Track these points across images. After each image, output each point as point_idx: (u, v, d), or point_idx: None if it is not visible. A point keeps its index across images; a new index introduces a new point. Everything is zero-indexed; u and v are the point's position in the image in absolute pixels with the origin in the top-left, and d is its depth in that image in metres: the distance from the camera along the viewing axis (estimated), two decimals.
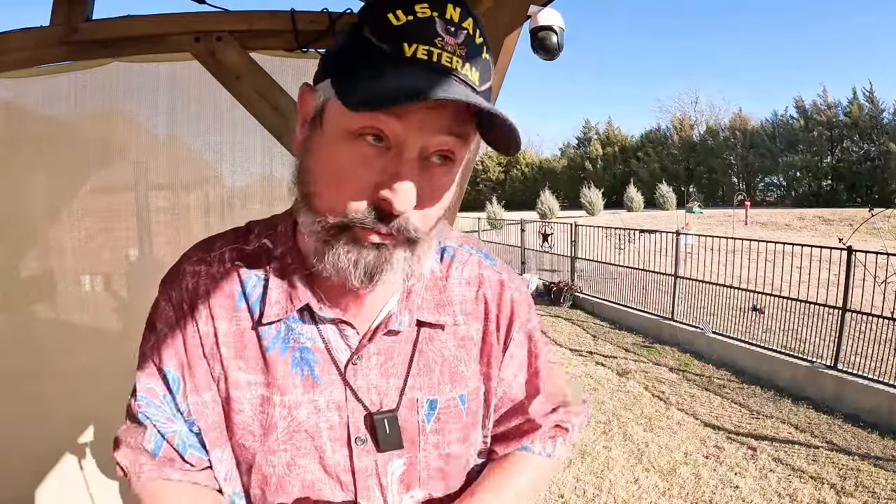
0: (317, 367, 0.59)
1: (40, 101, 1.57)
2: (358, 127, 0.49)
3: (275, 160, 1.65)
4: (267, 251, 0.62)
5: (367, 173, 0.50)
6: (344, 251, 0.52)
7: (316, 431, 0.59)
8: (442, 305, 0.64)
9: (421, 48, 0.47)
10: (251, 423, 0.59)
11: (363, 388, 0.59)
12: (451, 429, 0.63)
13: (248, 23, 1.36)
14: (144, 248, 1.66)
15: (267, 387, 0.58)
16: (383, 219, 0.51)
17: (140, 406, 0.60)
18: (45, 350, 1.65)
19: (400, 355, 0.61)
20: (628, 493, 3.15)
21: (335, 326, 0.60)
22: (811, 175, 30.82)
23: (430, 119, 0.48)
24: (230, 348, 0.59)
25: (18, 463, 1.58)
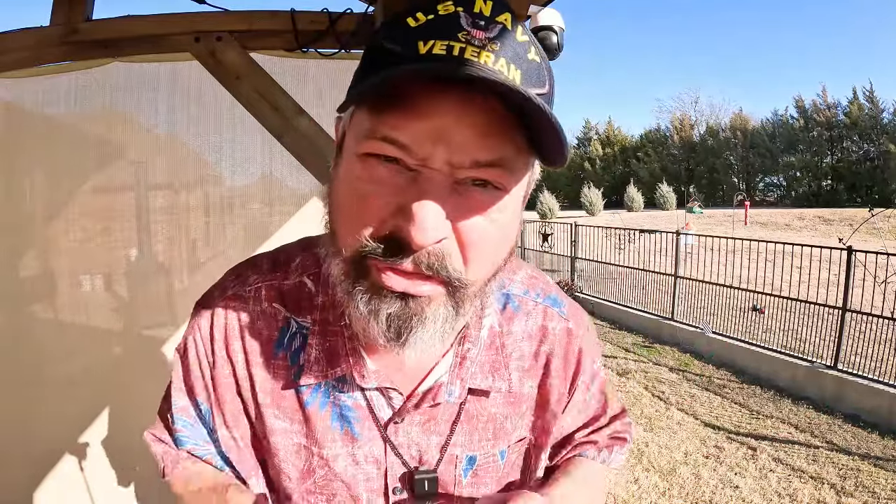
0: (357, 424, 0.56)
1: (40, 101, 1.56)
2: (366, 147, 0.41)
3: (275, 160, 1.66)
4: (309, 294, 0.57)
5: (381, 195, 0.41)
6: (364, 300, 0.43)
7: (353, 482, 0.57)
8: (497, 368, 0.58)
9: (439, 44, 0.39)
10: (287, 467, 0.58)
11: (403, 444, 0.57)
12: (487, 482, 0.61)
13: (248, 23, 1.36)
14: (144, 248, 1.66)
15: (305, 437, 0.57)
16: (399, 252, 0.40)
17: (177, 429, 0.59)
18: (44, 350, 1.65)
19: (444, 415, 0.58)
20: (628, 493, 3.15)
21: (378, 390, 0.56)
22: (811, 175, 30.84)
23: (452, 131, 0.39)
24: (267, 395, 0.56)
25: (18, 464, 1.58)
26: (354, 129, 0.43)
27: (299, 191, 1.69)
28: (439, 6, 0.40)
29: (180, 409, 0.59)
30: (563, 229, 9.54)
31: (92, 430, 1.63)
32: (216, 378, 0.57)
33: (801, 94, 36.73)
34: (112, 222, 1.66)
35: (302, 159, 1.42)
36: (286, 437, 0.57)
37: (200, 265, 1.70)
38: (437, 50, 0.39)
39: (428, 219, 0.39)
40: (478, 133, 0.39)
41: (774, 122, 33.80)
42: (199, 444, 0.60)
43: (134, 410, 1.66)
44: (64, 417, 1.62)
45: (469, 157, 0.40)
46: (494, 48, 0.40)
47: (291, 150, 1.41)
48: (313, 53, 1.42)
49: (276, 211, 1.70)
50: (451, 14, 0.40)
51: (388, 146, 0.40)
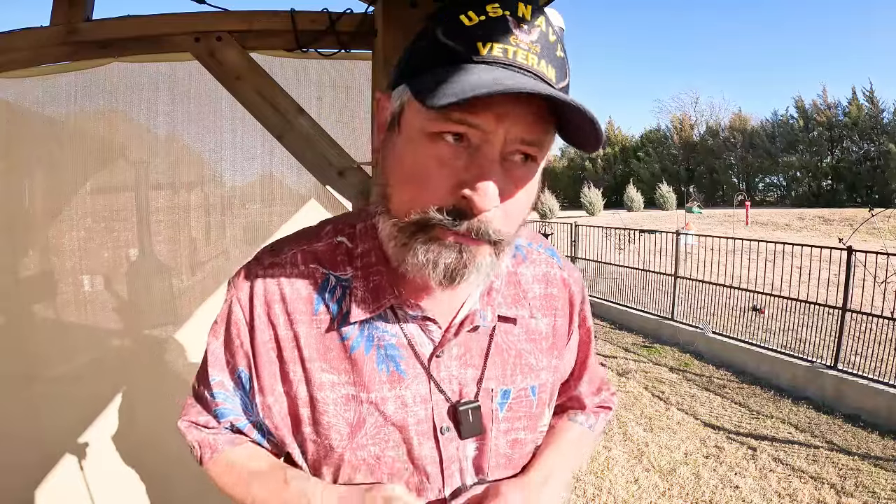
0: (402, 362, 0.60)
1: (40, 100, 1.56)
2: (437, 126, 0.48)
3: (275, 160, 1.66)
4: (346, 250, 0.63)
5: (447, 173, 0.49)
6: (423, 251, 0.51)
7: (404, 425, 0.60)
8: (517, 300, 0.66)
9: (496, 46, 0.47)
10: (337, 423, 0.60)
11: (445, 379, 0.61)
12: (521, 416, 0.65)
13: (248, 23, 1.36)
14: (144, 248, 1.66)
15: (353, 385, 0.59)
16: (463, 218, 0.50)
17: (217, 402, 0.64)
18: (44, 350, 1.65)
19: (477, 347, 0.63)
20: (628, 493, 3.15)
21: (418, 323, 0.61)
22: (811, 175, 30.82)
23: (510, 116, 0.48)
24: (312, 350, 0.60)
25: (18, 464, 1.58)
26: (415, 109, 0.50)
27: (299, 191, 1.69)
28: (488, 7, 0.48)
29: (218, 383, 0.63)
30: (563, 229, 9.54)
31: (92, 429, 1.63)
32: (256, 344, 0.61)
33: (801, 94, 36.80)
34: (112, 222, 1.66)
35: (302, 159, 1.42)
36: (335, 389, 0.59)
37: (200, 265, 1.70)
38: (495, 52, 0.47)
39: (490, 192, 0.48)
40: (528, 120, 0.49)
41: (774, 122, 33.78)
42: (240, 415, 0.64)
43: (134, 410, 1.66)
44: (64, 417, 1.62)
45: (519, 135, 0.49)
46: (536, 50, 0.49)
47: (291, 150, 1.42)
48: (313, 53, 1.42)
49: (276, 211, 1.70)
50: (500, 17, 0.48)
51: (460, 126, 0.48)
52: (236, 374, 0.63)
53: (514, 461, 0.66)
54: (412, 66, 0.52)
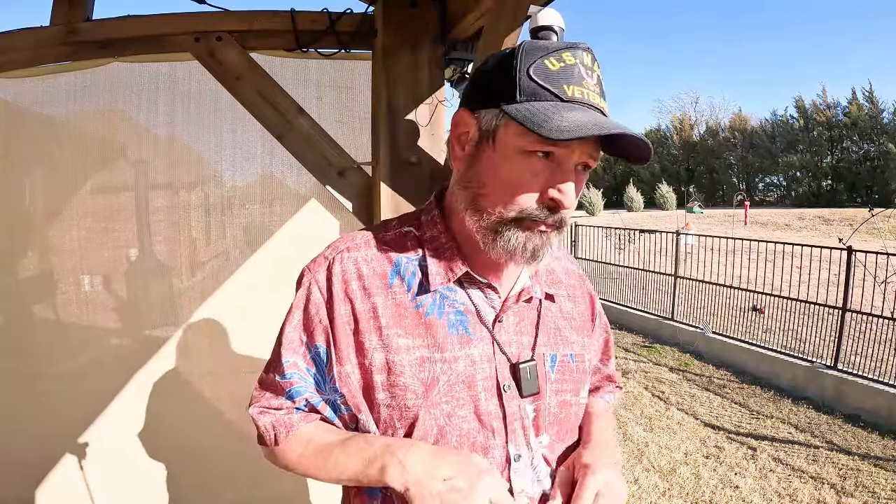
0: (469, 325, 0.71)
1: (40, 100, 1.56)
2: (534, 147, 0.62)
3: (275, 160, 1.65)
4: (414, 237, 0.74)
5: (539, 180, 0.63)
6: (516, 236, 0.65)
7: (472, 381, 0.69)
8: (554, 283, 0.81)
9: (576, 89, 0.61)
10: (412, 383, 0.67)
11: (506, 342, 0.72)
12: (567, 379, 0.76)
13: (248, 23, 1.36)
14: (144, 248, 1.66)
15: (427, 348, 0.68)
16: (552, 213, 0.65)
17: (291, 382, 0.71)
18: (44, 350, 1.65)
19: (529, 318, 0.75)
20: (628, 493, 3.15)
21: (482, 292, 0.72)
22: (811, 175, 30.83)
23: (585, 143, 0.63)
24: (389, 318, 0.69)
25: (18, 463, 1.58)
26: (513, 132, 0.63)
27: (299, 191, 1.69)
28: (565, 56, 0.62)
29: (291, 365, 0.71)
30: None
31: (92, 429, 1.63)
32: (334, 317, 0.69)
33: (801, 95, 36.79)
34: (112, 222, 1.65)
35: (302, 159, 1.42)
36: (410, 352, 0.68)
37: (200, 265, 1.70)
38: (576, 94, 0.61)
39: (572, 194, 0.64)
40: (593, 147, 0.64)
41: (774, 122, 33.80)
42: (314, 393, 0.71)
43: (134, 410, 1.66)
44: (64, 416, 1.62)
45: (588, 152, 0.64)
46: (598, 91, 0.64)
47: (291, 150, 1.42)
48: (313, 53, 1.42)
49: (276, 211, 1.70)
50: (574, 65, 0.62)
51: (552, 147, 0.62)
52: (312, 353, 0.70)
53: (561, 421, 0.75)
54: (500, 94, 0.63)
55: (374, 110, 1.42)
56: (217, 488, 1.69)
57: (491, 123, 0.65)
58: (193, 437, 1.65)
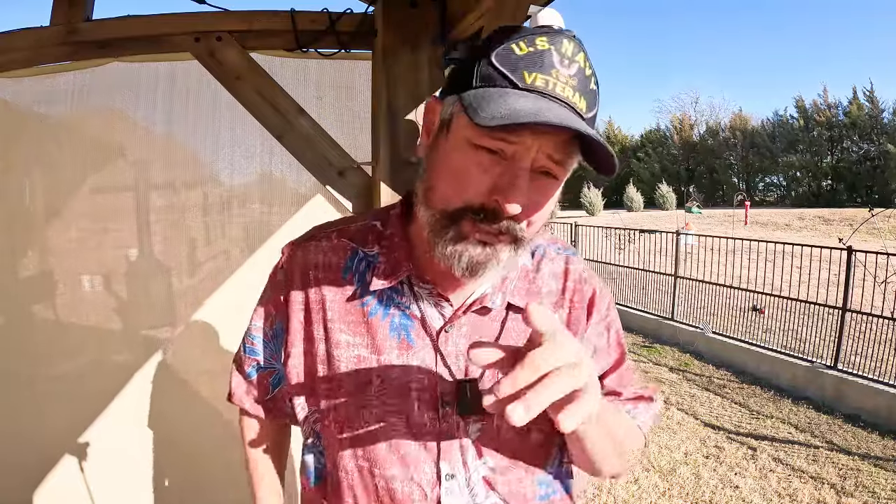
0: (412, 332, 0.66)
1: (39, 100, 1.56)
2: (481, 140, 0.56)
3: (274, 160, 1.65)
4: (376, 231, 0.72)
5: (484, 178, 0.56)
6: (452, 243, 0.58)
7: (405, 390, 0.65)
8: (531, 294, 0.71)
9: (539, 77, 0.54)
10: (347, 381, 0.66)
11: (452, 354, 0.66)
12: None
13: (248, 23, 1.36)
14: (144, 248, 1.66)
15: (366, 347, 0.66)
16: (493, 218, 0.57)
17: (251, 342, 0.76)
18: (44, 350, 1.65)
19: (488, 331, 0.68)
20: (628, 493, 3.15)
21: (432, 299, 0.67)
22: (811, 175, 30.85)
23: (543, 138, 0.55)
24: (335, 312, 0.68)
25: (18, 464, 1.58)
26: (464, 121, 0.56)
27: (299, 191, 1.69)
28: (537, 40, 0.54)
29: (257, 328, 0.76)
30: (563, 229, 9.55)
31: (92, 429, 1.62)
32: (290, 304, 0.70)
33: (801, 94, 36.82)
34: (112, 222, 1.65)
35: (302, 159, 1.42)
36: (349, 349, 0.67)
37: (200, 265, 1.70)
38: (538, 82, 0.54)
39: (518, 198, 0.55)
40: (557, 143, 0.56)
41: (774, 122, 33.81)
42: (267, 358, 0.75)
43: (134, 410, 1.66)
44: (64, 417, 1.62)
45: (548, 152, 0.56)
46: (573, 84, 0.55)
47: (291, 150, 1.41)
48: (313, 53, 1.42)
49: (276, 211, 1.70)
50: (546, 51, 0.54)
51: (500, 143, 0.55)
52: (275, 326, 0.73)
53: (518, 451, 0.67)
54: (464, 81, 0.58)
55: (374, 110, 1.42)
56: (217, 488, 1.69)
57: (448, 111, 0.60)
58: (193, 438, 1.65)
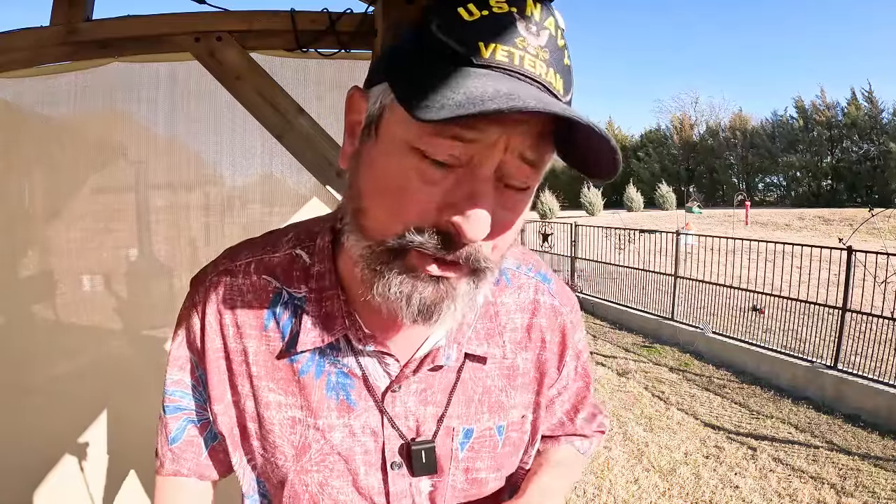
0: (353, 392, 0.56)
1: (40, 100, 1.56)
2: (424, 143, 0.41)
3: (275, 160, 1.65)
4: (303, 266, 0.57)
5: (432, 191, 0.42)
6: (396, 282, 0.45)
7: (350, 455, 0.57)
8: (491, 335, 0.60)
9: (500, 49, 0.40)
10: (282, 444, 0.57)
11: (400, 415, 0.57)
12: (484, 457, 0.61)
13: (248, 23, 1.36)
14: (144, 248, 1.66)
15: (300, 409, 0.56)
16: (450, 246, 0.43)
17: (172, 399, 0.62)
18: (44, 350, 1.65)
19: (441, 384, 0.58)
20: (628, 493, 3.15)
21: (374, 355, 0.56)
22: (811, 175, 30.86)
23: (510, 134, 0.41)
24: (261, 368, 0.57)
25: (18, 464, 1.58)
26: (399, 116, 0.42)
27: (299, 191, 1.69)
28: (492, 2, 0.40)
29: (176, 381, 0.61)
30: (563, 229, 9.55)
31: (92, 430, 1.63)
32: (206, 350, 0.58)
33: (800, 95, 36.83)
34: (112, 222, 1.65)
35: (302, 159, 1.42)
36: (280, 410, 0.57)
37: (200, 265, 1.69)
38: (499, 56, 0.40)
39: (482, 219, 0.41)
40: (532, 137, 0.42)
41: (774, 122, 33.83)
42: (198, 410, 0.62)
43: (134, 410, 1.66)
44: (64, 417, 1.62)
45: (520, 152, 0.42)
46: (545, 57, 0.42)
47: (291, 150, 1.41)
48: (313, 53, 1.42)
49: (276, 211, 1.70)
50: (506, 14, 0.40)
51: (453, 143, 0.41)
52: (197, 373, 0.60)
53: (472, 496, 0.62)
54: (397, 63, 0.43)
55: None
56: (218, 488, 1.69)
57: (376, 104, 0.45)
58: None
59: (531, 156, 0.43)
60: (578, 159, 0.44)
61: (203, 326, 0.58)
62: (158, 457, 0.65)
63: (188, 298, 0.61)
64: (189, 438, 0.63)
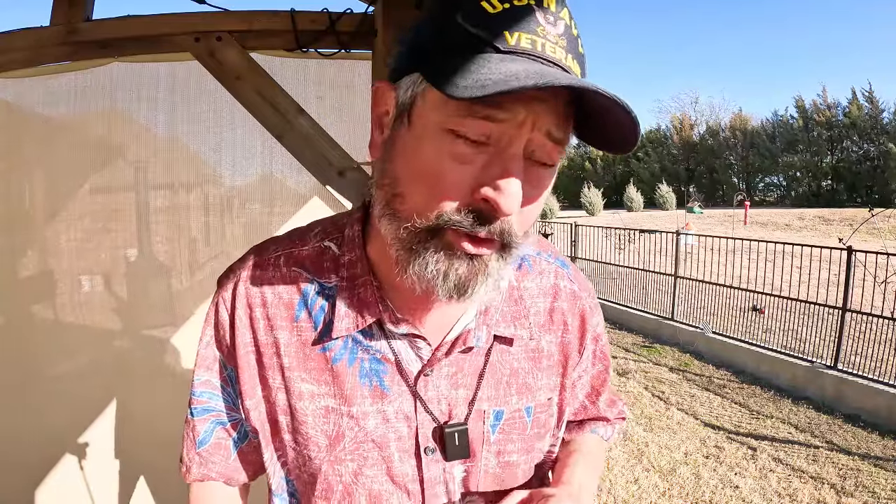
0: (386, 377, 0.57)
1: (40, 100, 1.56)
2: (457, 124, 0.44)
3: (275, 160, 1.65)
4: (333, 257, 0.59)
5: (466, 171, 0.45)
6: (433, 260, 0.47)
7: (384, 442, 0.57)
8: (517, 318, 0.62)
9: (524, 37, 0.43)
10: (315, 434, 0.57)
11: (433, 399, 0.58)
12: (514, 439, 0.62)
13: (248, 23, 1.36)
14: (144, 249, 1.66)
15: (333, 397, 0.57)
16: (483, 222, 0.46)
17: (200, 401, 0.62)
18: (43, 350, 1.65)
19: (471, 367, 0.59)
20: (628, 493, 3.15)
21: (407, 339, 0.57)
22: (811, 175, 30.85)
23: (537, 113, 0.44)
24: (292, 359, 0.57)
25: (18, 464, 1.58)
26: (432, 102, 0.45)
27: (299, 191, 1.69)
28: None
29: (203, 382, 0.62)
30: (563, 229, 9.55)
31: (92, 430, 1.62)
32: (237, 346, 0.59)
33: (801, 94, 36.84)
34: (112, 222, 1.65)
35: (302, 159, 1.42)
36: (314, 400, 0.57)
37: (200, 265, 1.70)
38: (523, 44, 0.43)
39: (514, 193, 0.44)
40: (558, 114, 0.45)
41: (774, 122, 33.83)
42: (222, 412, 0.62)
43: (134, 410, 1.66)
44: (64, 417, 1.62)
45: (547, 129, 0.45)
46: (563, 44, 0.45)
47: (291, 150, 1.41)
48: (313, 53, 1.42)
49: (276, 211, 1.70)
50: (526, 7, 0.44)
51: (485, 123, 0.44)
52: (226, 373, 0.61)
53: (504, 482, 0.63)
54: (424, 52, 0.46)
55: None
56: None
57: (408, 93, 0.48)
58: None
59: (557, 133, 0.46)
60: (596, 134, 0.48)
61: (233, 322, 0.59)
62: (184, 462, 0.64)
63: (216, 295, 0.61)
64: (217, 441, 0.63)
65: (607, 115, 0.44)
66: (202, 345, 0.62)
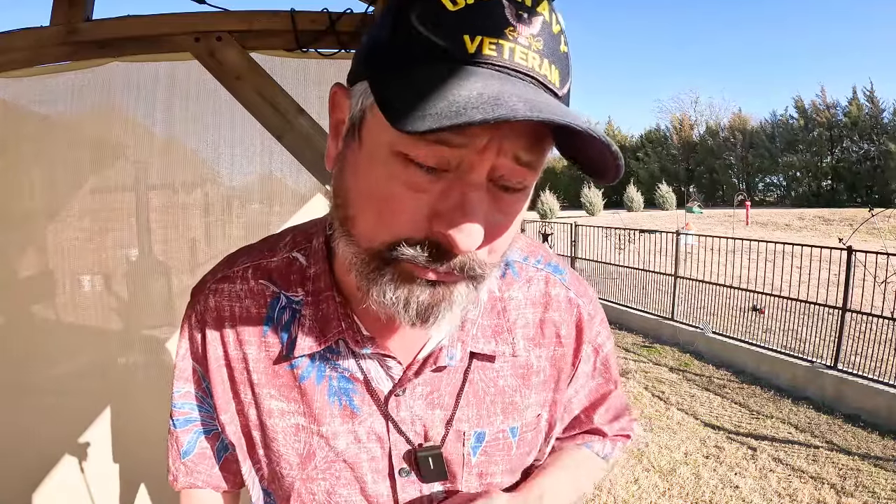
0: (356, 397, 0.54)
1: (39, 100, 1.56)
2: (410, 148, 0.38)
3: (274, 160, 1.65)
4: (300, 268, 0.56)
5: (421, 199, 0.40)
6: (391, 288, 0.43)
7: (356, 462, 0.55)
8: (499, 332, 0.57)
9: (488, 42, 0.36)
10: (287, 452, 0.55)
11: (406, 419, 0.54)
12: (497, 461, 0.59)
13: (248, 23, 1.36)
14: (143, 248, 1.66)
15: (303, 416, 0.55)
16: (442, 258, 0.41)
17: (181, 412, 0.61)
18: (43, 350, 1.65)
19: (448, 386, 0.56)
20: (628, 493, 3.15)
21: (376, 358, 0.54)
22: (811, 175, 30.87)
23: (502, 137, 0.38)
24: (261, 375, 0.55)
25: (17, 464, 1.58)
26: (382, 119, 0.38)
27: (299, 191, 1.69)
28: None
29: (184, 394, 0.60)
30: (563, 229, 9.55)
31: (92, 430, 1.62)
32: (209, 360, 0.57)
33: (800, 94, 36.86)
34: (111, 222, 1.65)
35: (302, 159, 1.42)
36: (284, 418, 0.55)
37: (200, 265, 1.70)
38: (486, 50, 0.37)
39: (473, 231, 0.39)
40: (527, 135, 0.39)
41: (774, 122, 33.85)
42: (207, 421, 0.61)
43: (134, 410, 1.66)
44: (63, 418, 1.62)
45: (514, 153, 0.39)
46: (538, 47, 0.38)
47: (291, 150, 1.41)
48: (313, 53, 1.42)
49: (275, 211, 1.70)
50: (494, 2, 0.37)
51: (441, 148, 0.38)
52: (204, 384, 0.59)
53: None
54: (376, 59, 0.40)
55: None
56: None
57: (358, 104, 0.43)
58: None
59: (526, 157, 0.39)
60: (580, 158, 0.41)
61: (204, 336, 0.57)
62: (171, 471, 0.63)
63: (189, 308, 0.60)
64: (202, 450, 0.62)
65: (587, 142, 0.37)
66: (179, 357, 0.60)
